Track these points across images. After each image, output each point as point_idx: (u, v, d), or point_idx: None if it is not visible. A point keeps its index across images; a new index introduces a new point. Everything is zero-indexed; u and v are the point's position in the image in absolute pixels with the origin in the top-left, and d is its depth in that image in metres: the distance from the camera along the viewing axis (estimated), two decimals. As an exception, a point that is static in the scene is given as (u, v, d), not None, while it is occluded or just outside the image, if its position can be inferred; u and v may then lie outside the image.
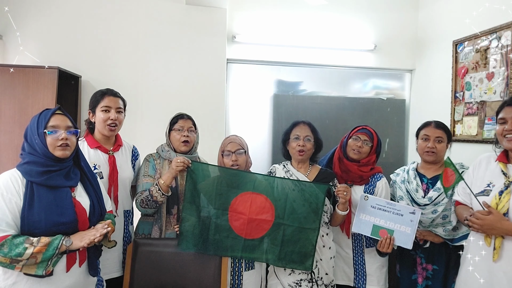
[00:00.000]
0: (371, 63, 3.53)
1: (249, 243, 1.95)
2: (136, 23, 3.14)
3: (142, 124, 3.10)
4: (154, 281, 1.94)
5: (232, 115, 3.41)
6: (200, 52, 3.19)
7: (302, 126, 2.17)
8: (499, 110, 1.78)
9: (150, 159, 2.13)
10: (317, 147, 2.19)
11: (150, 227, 2.07)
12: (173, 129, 2.12)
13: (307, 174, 2.16)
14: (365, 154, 2.19)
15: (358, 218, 2.05)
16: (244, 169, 2.06)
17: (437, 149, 2.13)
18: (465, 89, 2.91)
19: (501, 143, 1.76)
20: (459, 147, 2.94)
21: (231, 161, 2.01)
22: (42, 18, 3.00)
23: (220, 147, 2.11)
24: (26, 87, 2.63)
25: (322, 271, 2.04)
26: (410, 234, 1.95)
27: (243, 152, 2.07)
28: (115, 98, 2.06)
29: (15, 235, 1.39)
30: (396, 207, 2.01)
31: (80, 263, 1.54)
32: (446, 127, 2.20)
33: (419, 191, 2.14)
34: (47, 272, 1.41)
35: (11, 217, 1.40)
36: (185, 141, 2.08)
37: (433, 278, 2.10)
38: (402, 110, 3.64)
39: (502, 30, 2.54)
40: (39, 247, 1.38)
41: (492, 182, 1.75)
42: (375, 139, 2.21)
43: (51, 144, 1.49)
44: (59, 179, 1.50)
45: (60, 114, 1.55)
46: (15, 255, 1.35)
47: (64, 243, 1.43)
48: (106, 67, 3.09)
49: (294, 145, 2.12)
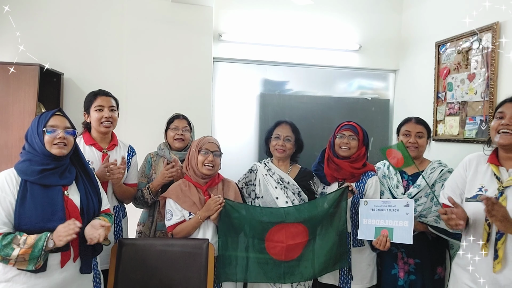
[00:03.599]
0: (356, 63, 3.57)
1: (289, 264, 2.03)
2: (121, 19, 3.09)
3: (127, 123, 3.05)
4: (139, 281, 1.92)
5: (218, 114, 3.39)
6: (186, 50, 3.17)
7: (284, 126, 2.26)
8: (499, 106, 1.68)
9: (148, 158, 2.34)
10: (297, 148, 2.28)
11: (145, 217, 2.32)
12: (169, 128, 2.32)
13: (288, 172, 2.26)
14: (354, 148, 2.22)
15: (362, 224, 2.06)
16: (215, 172, 2.07)
17: (418, 144, 2.18)
18: (447, 89, 2.97)
19: (493, 138, 1.66)
20: (441, 146, 3.01)
21: (207, 160, 2.01)
22: (22, 14, 2.92)
23: (195, 143, 2.08)
24: (7, 84, 2.56)
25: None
26: (408, 227, 1.92)
27: (219, 155, 2.08)
28: (107, 97, 2.15)
29: (6, 233, 1.45)
30: (391, 203, 2.01)
31: (75, 259, 1.60)
32: (426, 123, 2.26)
33: (399, 187, 2.18)
34: (37, 267, 1.46)
35: (4, 215, 1.47)
36: (179, 139, 2.28)
37: (416, 272, 2.12)
38: (386, 109, 3.69)
39: (483, 32, 2.60)
40: (25, 249, 1.43)
41: (484, 186, 1.65)
42: (360, 132, 2.25)
43: (48, 142, 1.56)
44: (54, 177, 1.57)
45: (59, 115, 1.64)
46: (4, 255, 1.42)
47: (48, 244, 1.46)
48: (89, 65, 3.03)
49: (274, 144, 2.23)
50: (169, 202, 2.03)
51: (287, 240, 2.02)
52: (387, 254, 2.18)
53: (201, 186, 2.05)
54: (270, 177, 2.21)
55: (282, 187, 2.18)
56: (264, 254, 2.02)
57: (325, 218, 2.06)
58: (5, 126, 2.55)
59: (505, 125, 1.58)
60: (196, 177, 2.05)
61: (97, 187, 1.74)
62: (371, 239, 2.03)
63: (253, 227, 2.03)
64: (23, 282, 1.48)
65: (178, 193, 2.01)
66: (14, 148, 2.53)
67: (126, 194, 2.19)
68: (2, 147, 2.54)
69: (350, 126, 2.25)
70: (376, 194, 2.19)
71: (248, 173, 2.31)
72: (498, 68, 2.50)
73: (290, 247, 2.02)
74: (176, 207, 2.00)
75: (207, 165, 2.01)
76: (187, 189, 2.02)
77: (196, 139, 2.14)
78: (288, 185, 2.19)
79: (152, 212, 2.27)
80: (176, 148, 2.31)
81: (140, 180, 2.28)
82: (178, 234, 2.00)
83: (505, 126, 1.59)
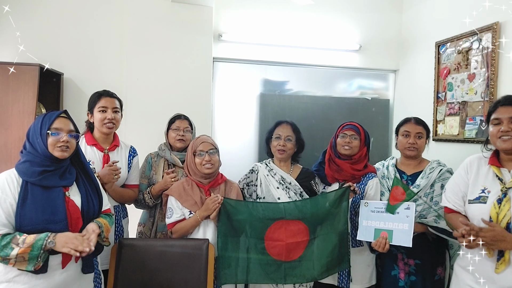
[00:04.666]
0: (356, 63, 3.57)
1: (289, 265, 2.02)
2: (121, 19, 3.09)
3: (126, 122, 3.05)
4: (139, 282, 1.91)
5: (218, 114, 3.39)
6: (186, 50, 3.16)
7: (284, 126, 2.25)
8: (492, 111, 1.69)
9: (149, 158, 2.32)
10: (298, 147, 2.26)
11: (146, 218, 2.31)
12: (171, 129, 2.30)
13: (290, 172, 2.24)
14: (356, 148, 2.22)
15: (361, 225, 2.06)
16: (216, 169, 2.06)
17: (418, 145, 2.18)
18: (447, 89, 2.97)
19: (495, 144, 1.66)
20: (441, 146, 3.00)
21: (204, 161, 2.00)
22: (22, 14, 2.92)
23: (190, 147, 2.09)
24: (6, 84, 2.56)
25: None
26: (408, 230, 1.93)
27: (216, 151, 2.07)
28: (111, 98, 2.15)
29: (5, 234, 1.44)
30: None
31: (76, 259, 1.59)
32: (425, 123, 2.26)
33: None
34: (36, 268, 1.45)
35: (4, 216, 1.46)
36: (180, 140, 2.26)
37: (416, 273, 2.12)
38: (386, 110, 3.69)
39: (483, 32, 2.60)
40: (24, 248, 1.42)
41: (486, 188, 1.65)
42: (362, 132, 2.25)
43: (51, 144, 1.55)
44: (54, 179, 1.56)
45: (64, 118, 1.62)
46: (4, 255, 1.41)
47: (47, 244, 1.45)
48: (90, 65, 3.03)
49: (275, 144, 2.21)
50: (170, 200, 2.03)
51: (287, 238, 2.01)
52: (387, 255, 2.18)
53: (203, 186, 2.04)
54: (271, 177, 2.20)
55: (284, 187, 2.17)
56: (264, 255, 2.01)
57: (326, 217, 2.05)
58: (5, 126, 2.55)
59: (505, 132, 1.60)
60: (198, 177, 2.05)
61: (98, 188, 1.73)
62: (370, 240, 2.04)
63: (253, 225, 2.01)
64: (24, 283, 1.48)
65: (180, 191, 2.02)
66: (13, 148, 2.53)
67: (124, 197, 2.18)
68: (2, 147, 2.54)
69: (352, 126, 2.25)
70: (377, 196, 2.18)
71: (249, 173, 2.29)
72: (498, 68, 2.50)
73: (290, 246, 2.01)
74: (177, 205, 2.00)
75: (206, 165, 2.01)
76: (189, 188, 2.02)
77: (190, 142, 2.14)
78: (290, 185, 2.18)
79: (153, 213, 2.26)
80: (177, 149, 2.30)
81: (141, 181, 2.28)
82: (177, 232, 2.00)
83: (505, 133, 1.60)
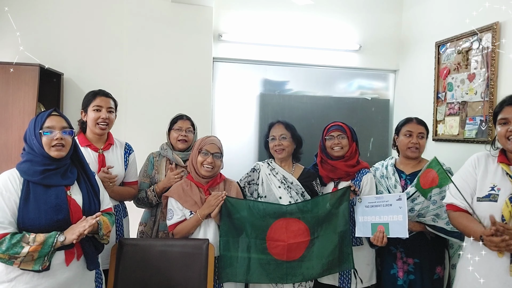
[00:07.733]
0: (356, 63, 3.57)
1: (291, 265, 2.02)
2: (121, 19, 3.09)
3: (126, 123, 3.05)
4: (139, 281, 1.92)
5: (218, 114, 3.39)
6: (186, 50, 3.17)
7: (276, 126, 2.27)
8: (498, 111, 1.66)
9: (150, 158, 2.33)
10: (297, 144, 2.27)
11: (147, 217, 2.30)
12: (173, 129, 2.31)
13: (292, 172, 2.24)
14: (346, 146, 2.24)
15: (358, 222, 2.07)
16: (214, 173, 2.06)
17: (420, 145, 2.18)
18: (447, 89, 2.97)
19: (504, 145, 1.63)
20: (441, 146, 3.01)
21: (205, 162, 2.00)
22: (22, 14, 2.92)
23: (197, 143, 2.09)
24: (7, 84, 2.56)
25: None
26: (403, 221, 1.93)
27: (220, 156, 2.07)
28: (107, 98, 2.13)
29: (14, 233, 1.45)
30: (383, 199, 2.03)
31: (78, 257, 1.61)
32: (425, 123, 2.27)
33: (397, 187, 2.18)
34: (44, 267, 1.46)
35: (10, 214, 1.47)
36: (182, 140, 2.27)
37: (415, 271, 2.12)
38: (386, 110, 3.69)
39: (483, 32, 2.60)
40: (35, 246, 1.43)
41: (496, 185, 1.61)
42: (347, 129, 2.26)
43: (46, 144, 1.55)
44: (56, 178, 1.57)
45: (55, 115, 1.62)
46: (13, 253, 1.41)
47: (58, 239, 1.47)
48: (90, 65, 3.03)
49: (272, 146, 2.24)
50: (170, 201, 2.03)
51: (288, 239, 2.01)
52: (386, 254, 2.19)
53: (202, 185, 2.05)
54: (273, 176, 2.21)
55: (286, 187, 2.18)
56: (266, 255, 2.01)
57: (327, 217, 2.05)
58: (5, 126, 2.55)
59: None
60: (197, 176, 2.05)
61: (98, 187, 1.74)
62: (368, 236, 2.04)
63: (254, 223, 2.01)
64: (26, 282, 1.48)
65: (179, 192, 2.02)
66: (14, 148, 2.53)
67: (124, 195, 2.19)
68: (2, 147, 2.54)
69: (336, 126, 2.26)
70: (372, 191, 2.19)
71: (250, 172, 2.29)
72: (498, 68, 2.50)
73: (292, 247, 2.01)
74: (178, 206, 2.01)
75: (206, 167, 2.01)
76: (188, 189, 2.03)
77: (199, 138, 2.14)
78: (292, 185, 2.19)
79: (154, 212, 2.26)
80: (179, 149, 2.30)
81: (143, 180, 2.28)
82: (179, 233, 2.00)
83: None
